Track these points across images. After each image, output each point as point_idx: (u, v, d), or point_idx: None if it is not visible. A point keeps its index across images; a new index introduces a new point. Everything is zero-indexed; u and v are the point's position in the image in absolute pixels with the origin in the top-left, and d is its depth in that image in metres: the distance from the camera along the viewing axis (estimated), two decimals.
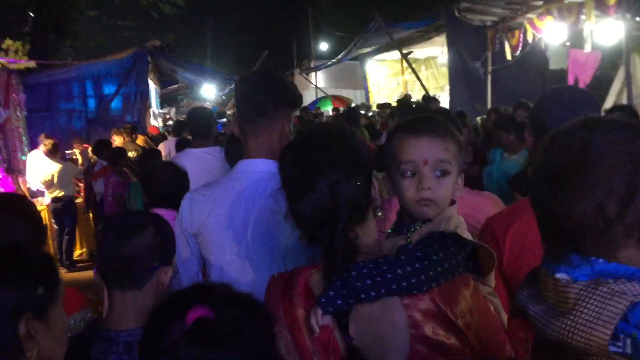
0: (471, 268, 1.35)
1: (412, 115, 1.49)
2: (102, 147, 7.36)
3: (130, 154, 7.76)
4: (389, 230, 1.48)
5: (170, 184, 2.90)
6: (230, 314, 1.00)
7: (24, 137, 10.21)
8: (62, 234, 7.66)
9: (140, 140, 8.98)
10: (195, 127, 4.13)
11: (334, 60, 15.29)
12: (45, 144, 7.83)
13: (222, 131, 10.78)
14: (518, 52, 9.53)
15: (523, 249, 1.69)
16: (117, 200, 6.13)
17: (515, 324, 1.34)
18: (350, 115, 6.78)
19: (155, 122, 14.45)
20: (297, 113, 1.89)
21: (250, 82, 1.99)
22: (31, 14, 16.07)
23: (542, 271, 1.03)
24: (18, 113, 10.32)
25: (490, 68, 10.35)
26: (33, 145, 10.43)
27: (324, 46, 25.75)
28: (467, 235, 1.37)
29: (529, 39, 9.06)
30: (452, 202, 1.40)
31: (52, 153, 7.74)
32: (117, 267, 1.57)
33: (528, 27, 9.01)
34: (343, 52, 14.30)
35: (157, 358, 0.99)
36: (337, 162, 1.27)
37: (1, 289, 1.13)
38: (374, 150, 4.05)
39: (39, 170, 7.66)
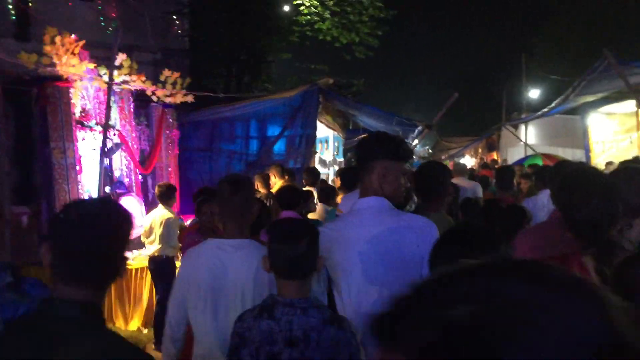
0: None
1: None
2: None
3: None
4: None
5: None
6: None
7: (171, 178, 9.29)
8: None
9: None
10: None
11: (545, 110, 12.39)
12: (159, 185, 6.54)
13: None
14: None
15: None
16: None
17: None
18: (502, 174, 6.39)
19: (325, 170, 12.95)
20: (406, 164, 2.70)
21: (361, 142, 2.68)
22: (226, 56, 16.04)
23: None
24: (169, 151, 9.48)
25: None
26: (188, 186, 9.48)
27: (534, 93, 22.31)
28: None
29: None
30: None
31: (165, 198, 6.36)
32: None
33: None
34: (558, 100, 11.42)
35: None
36: (604, 190, 2.18)
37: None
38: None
39: (143, 217, 6.35)
